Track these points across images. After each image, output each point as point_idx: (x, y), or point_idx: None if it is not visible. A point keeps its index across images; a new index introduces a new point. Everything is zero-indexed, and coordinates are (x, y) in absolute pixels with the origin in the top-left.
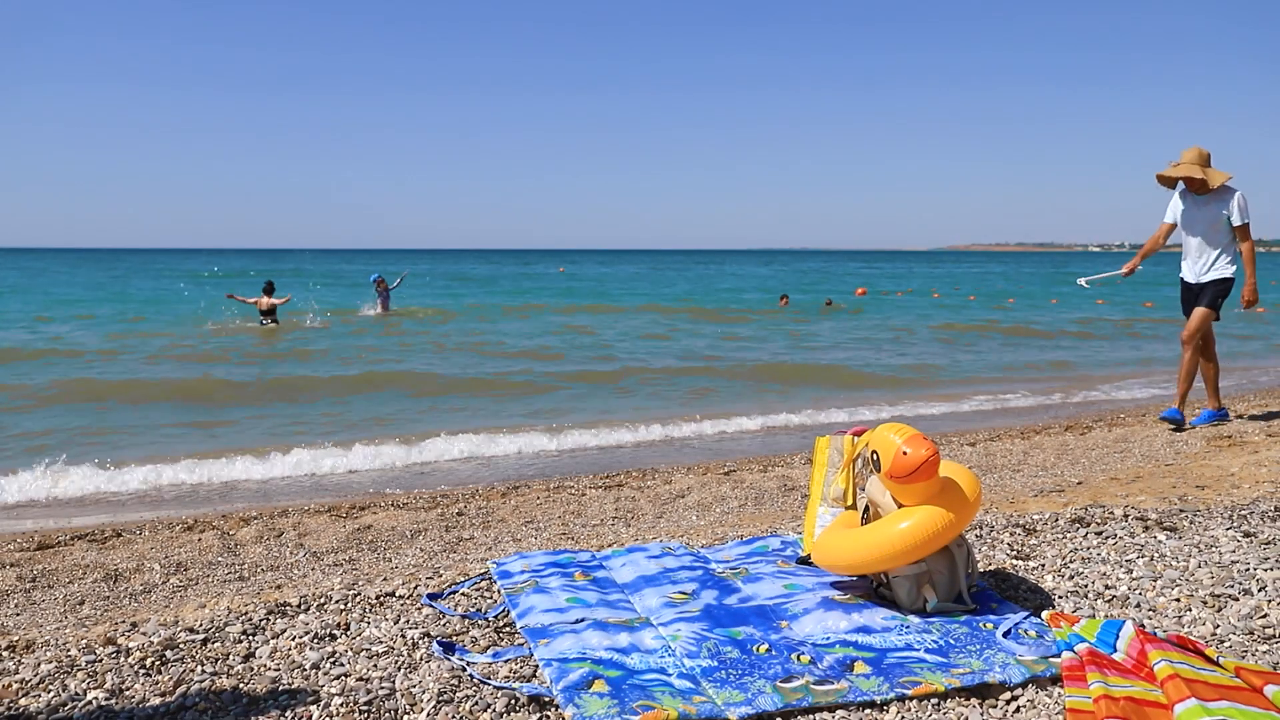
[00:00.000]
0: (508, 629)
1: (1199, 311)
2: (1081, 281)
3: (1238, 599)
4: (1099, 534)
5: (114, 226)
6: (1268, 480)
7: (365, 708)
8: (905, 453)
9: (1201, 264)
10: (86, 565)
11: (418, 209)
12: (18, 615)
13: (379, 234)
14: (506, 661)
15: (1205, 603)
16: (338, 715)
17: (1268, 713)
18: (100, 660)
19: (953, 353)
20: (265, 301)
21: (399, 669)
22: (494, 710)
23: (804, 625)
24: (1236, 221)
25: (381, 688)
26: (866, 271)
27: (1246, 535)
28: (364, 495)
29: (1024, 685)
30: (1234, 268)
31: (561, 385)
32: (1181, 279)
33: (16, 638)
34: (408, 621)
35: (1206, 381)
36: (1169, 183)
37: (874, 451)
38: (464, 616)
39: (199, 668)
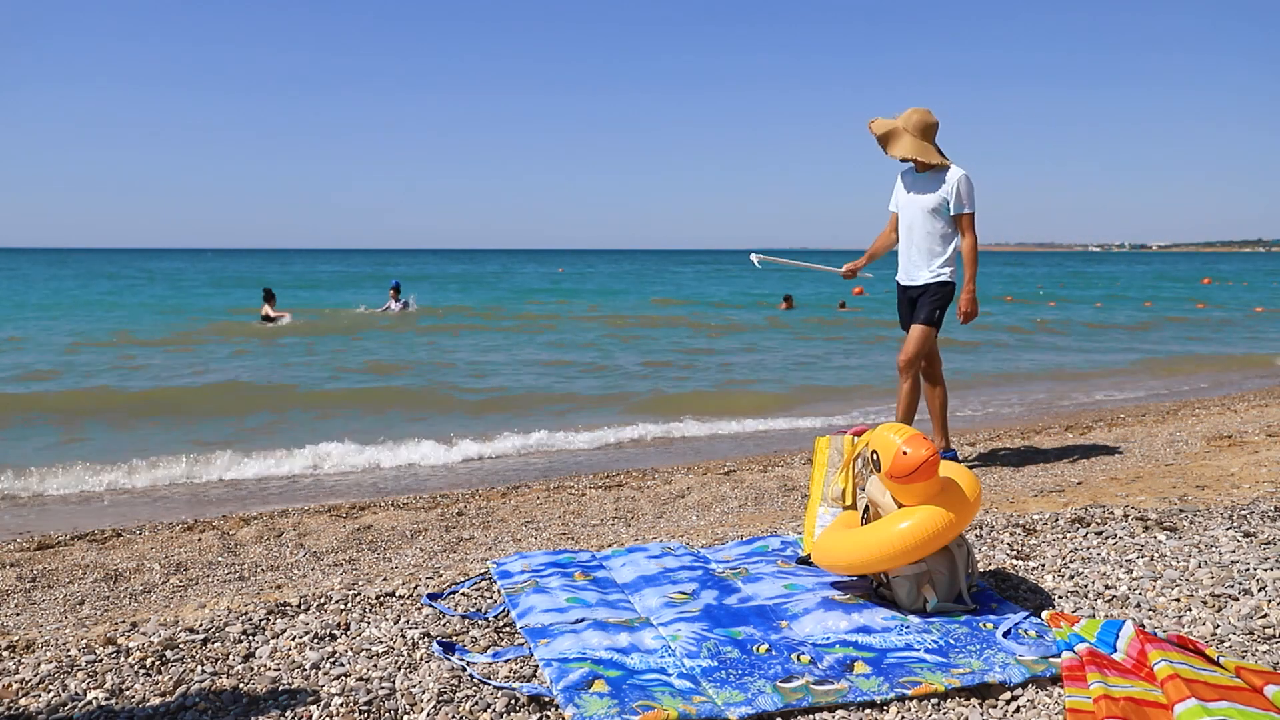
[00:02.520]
0: (508, 629)
1: (916, 330)
2: (754, 258)
3: (1238, 599)
4: (1099, 534)
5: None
6: (1268, 480)
7: (365, 708)
8: (905, 453)
9: (916, 262)
10: (86, 565)
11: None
12: (18, 615)
13: (379, 234)
14: (506, 661)
15: (1205, 603)
16: (338, 715)
17: (1268, 713)
18: (100, 660)
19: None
20: (268, 310)
21: (399, 669)
22: (494, 710)
23: (804, 625)
24: (955, 209)
25: (381, 688)
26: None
27: (1246, 535)
28: (364, 495)
29: (1024, 685)
30: (954, 269)
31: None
32: (897, 282)
33: (16, 638)
34: (408, 621)
35: (932, 414)
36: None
37: (874, 451)
38: (464, 616)
39: (199, 668)
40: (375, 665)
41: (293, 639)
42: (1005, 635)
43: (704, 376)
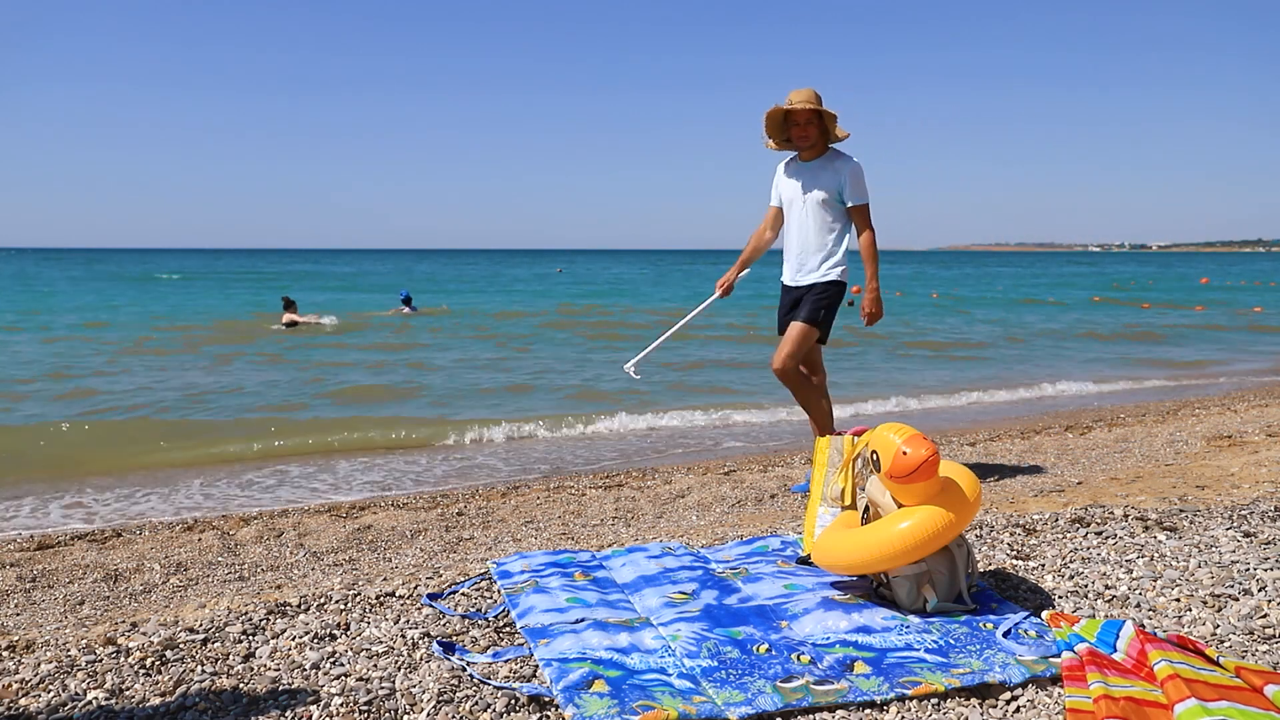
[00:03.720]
0: (508, 629)
1: (795, 329)
2: (630, 369)
3: (1238, 599)
4: (1099, 534)
5: (114, 227)
6: (1268, 480)
7: (365, 708)
8: (905, 453)
9: (805, 260)
10: (86, 565)
11: (418, 209)
12: (18, 615)
13: (379, 234)
14: (506, 661)
15: (1205, 603)
16: (338, 715)
17: (1268, 713)
18: (100, 660)
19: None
20: (288, 318)
21: (399, 669)
22: (494, 710)
23: (804, 625)
24: (851, 199)
25: (381, 688)
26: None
27: (1246, 535)
28: (364, 495)
29: (1024, 685)
30: (846, 268)
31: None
32: (781, 281)
33: (16, 638)
34: (408, 621)
35: (814, 413)
36: (777, 134)
37: (874, 451)
38: (464, 616)
39: (199, 668)
40: (375, 665)
41: (293, 639)
42: (1005, 635)
43: (708, 377)
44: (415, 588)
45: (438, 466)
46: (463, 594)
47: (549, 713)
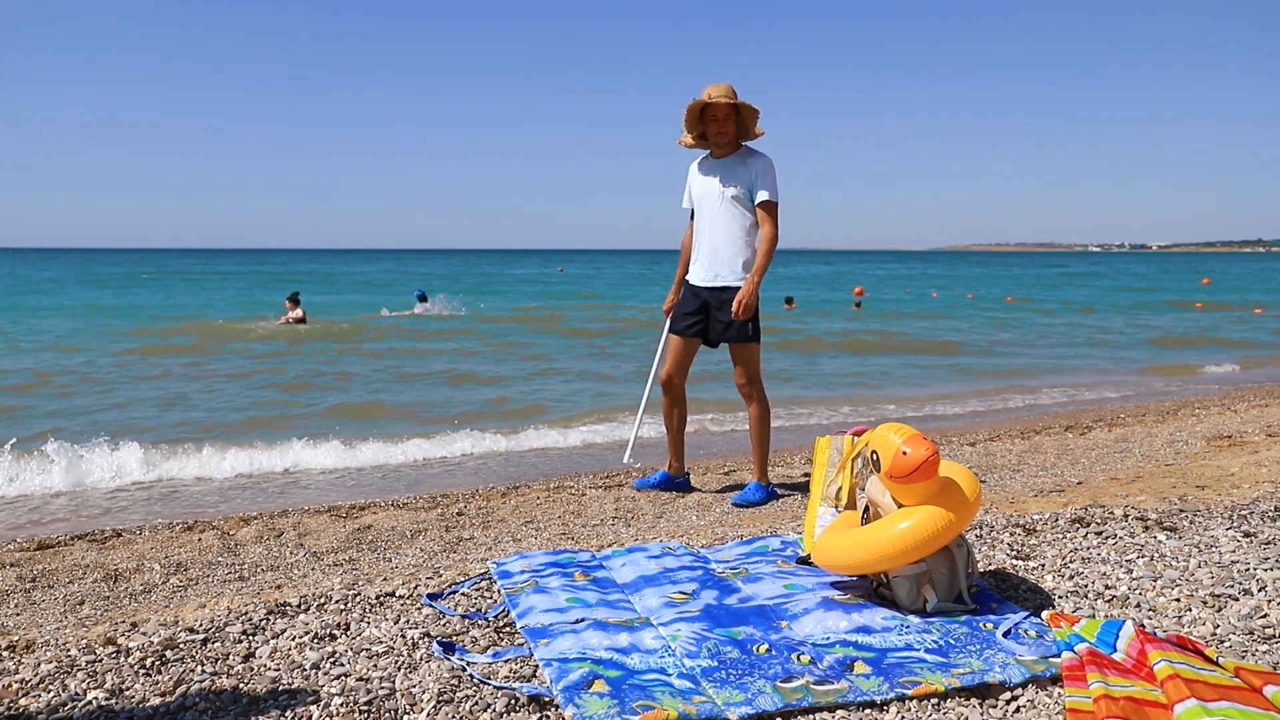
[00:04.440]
0: (508, 629)
1: (746, 350)
2: (627, 460)
3: (1238, 599)
4: (1099, 534)
5: (114, 227)
6: (1268, 480)
7: (365, 708)
8: (905, 453)
9: (720, 260)
10: (86, 565)
11: (418, 209)
12: (18, 615)
13: (379, 234)
14: (506, 661)
15: (1205, 603)
16: (338, 715)
17: (1268, 713)
18: (100, 660)
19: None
20: (294, 314)
21: (399, 669)
22: (494, 710)
23: (804, 625)
24: (761, 196)
25: (381, 688)
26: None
27: (1246, 535)
28: (364, 495)
29: (1024, 685)
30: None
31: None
32: (687, 282)
33: (16, 638)
34: (408, 621)
35: (755, 436)
36: (695, 129)
37: (874, 451)
38: (464, 616)
39: (199, 668)
40: (375, 665)
41: (293, 639)
42: (1005, 635)
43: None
44: (415, 588)
45: (438, 466)
46: (463, 594)
47: (549, 713)
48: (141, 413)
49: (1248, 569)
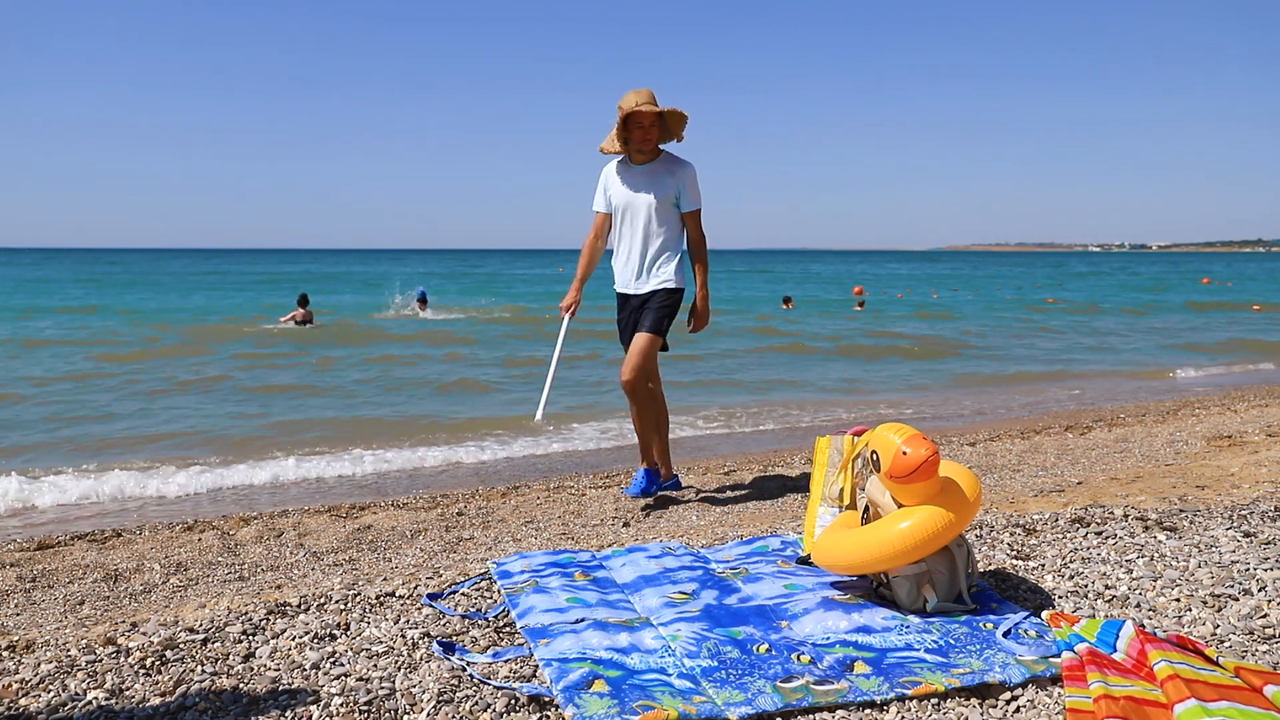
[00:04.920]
0: (508, 629)
1: (641, 340)
2: (538, 419)
3: (1238, 599)
4: (1099, 534)
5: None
6: (1268, 480)
7: (365, 708)
8: (905, 453)
9: (639, 266)
10: (86, 565)
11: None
12: (18, 615)
13: (379, 234)
14: (506, 661)
15: (1205, 603)
16: (338, 715)
17: (1268, 713)
18: (100, 660)
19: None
20: (301, 314)
21: (399, 669)
22: (494, 710)
23: (804, 625)
24: (688, 205)
25: (381, 688)
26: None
27: (1246, 535)
28: (364, 495)
29: (1024, 685)
30: (684, 274)
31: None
32: (619, 292)
33: (16, 638)
34: (408, 621)
35: (645, 435)
36: (623, 135)
37: (874, 451)
38: (464, 616)
39: (199, 668)
40: (375, 665)
41: (293, 639)
42: (1005, 635)
43: (708, 378)
44: (415, 588)
45: (438, 466)
46: (463, 594)
47: (549, 713)
48: (152, 419)
49: (1248, 569)
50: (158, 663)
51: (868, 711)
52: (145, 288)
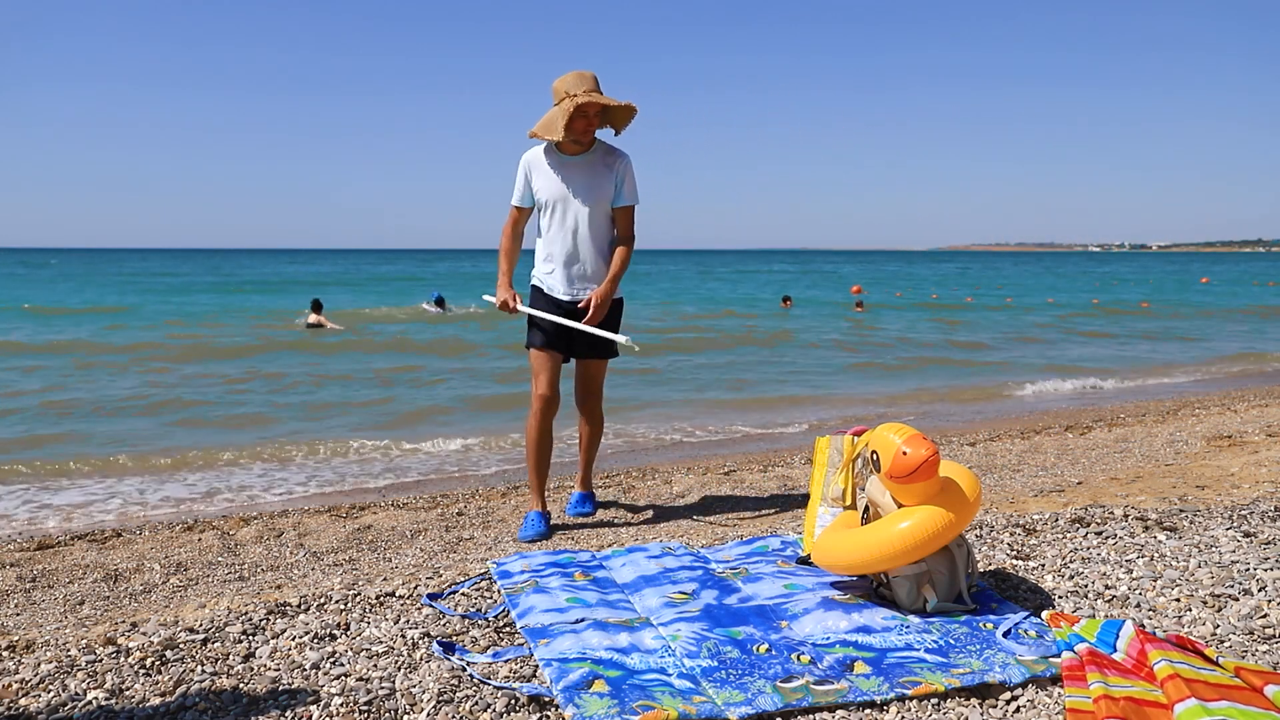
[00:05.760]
0: (508, 629)
1: (601, 366)
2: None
3: (1238, 599)
4: (1099, 534)
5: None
6: (1268, 480)
7: (365, 708)
8: (905, 453)
9: (586, 270)
10: (86, 565)
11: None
12: (18, 615)
13: (379, 234)
14: (506, 661)
15: (1205, 603)
16: (338, 715)
17: (1268, 713)
18: (100, 660)
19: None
20: (313, 318)
21: (399, 669)
22: (494, 710)
23: (804, 625)
24: (627, 200)
25: (381, 688)
26: (873, 272)
27: (1246, 535)
28: (364, 495)
29: (1024, 685)
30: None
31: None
32: (547, 296)
33: (16, 638)
34: (408, 621)
35: (592, 450)
36: (563, 122)
37: (874, 451)
38: (464, 616)
39: (199, 668)
40: (375, 665)
41: (293, 639)
42: (1005, 635)
43: (708, 377)
44: (415, 588)
45: (438, 466)
46: (463, 594)
47: (549, 713)
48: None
49: (1248, 569)
50: (158, 663)
51: (868, 711)
52: (144, 288)
